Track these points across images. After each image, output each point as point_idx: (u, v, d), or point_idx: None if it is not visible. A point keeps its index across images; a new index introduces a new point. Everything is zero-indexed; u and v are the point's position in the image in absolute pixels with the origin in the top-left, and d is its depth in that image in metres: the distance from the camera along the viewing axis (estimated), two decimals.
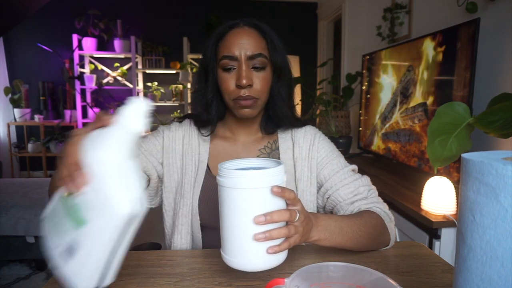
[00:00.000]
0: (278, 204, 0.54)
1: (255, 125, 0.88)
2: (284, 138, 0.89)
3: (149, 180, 0.85)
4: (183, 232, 0.82)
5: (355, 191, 0.80)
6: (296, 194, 0.58)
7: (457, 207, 1.37)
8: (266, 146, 0.88)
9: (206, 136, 0.87)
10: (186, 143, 0.87)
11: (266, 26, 0.82)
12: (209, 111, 0.85)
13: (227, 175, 0.53)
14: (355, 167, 0.86)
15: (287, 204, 0.56)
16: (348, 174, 0.83)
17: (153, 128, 4.09)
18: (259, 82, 0.78)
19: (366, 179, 0.84)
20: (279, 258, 0.56)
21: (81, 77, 4.03)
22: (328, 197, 0.83)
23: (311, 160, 0.86)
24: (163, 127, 0.90)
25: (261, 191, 0.52)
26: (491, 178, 0.33)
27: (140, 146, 0.85)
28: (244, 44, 0.77)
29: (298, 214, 0.56)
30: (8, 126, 3.94)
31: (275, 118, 0.86)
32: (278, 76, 0.83)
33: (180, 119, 0.92)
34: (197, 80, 0.87)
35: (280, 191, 0.53)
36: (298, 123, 0.89)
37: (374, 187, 0.84)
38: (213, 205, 0.82)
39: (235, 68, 0.78)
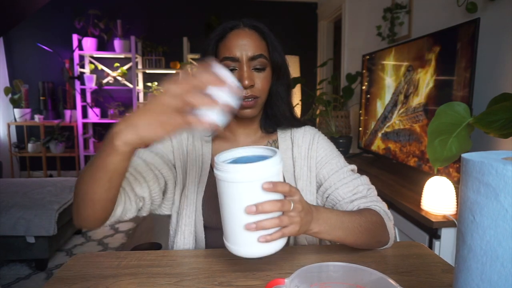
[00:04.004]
0: (273, 195, 0.55)
1: (254, 125, 0.89)
2: (284, 138, 0.90)
3: (166, 184, 0.83)
4: (186, 232, 0.82)
5: (354, 190, 0.81)
6: (292, 186, 0.57)
7: (457, 207, 1.37)
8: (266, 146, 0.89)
9: (207, 137, 0.88)
10: (190, 144, 0.87)
11: (265, 27, 0.83)
12: None
13: (222, 169, 0.54)
14: (354, 167, 0.87)
15: (285, 196, 0.57)
16: (347, 174, 0.83)
17: None
18: (260, 82, 0.80)
19: (365, 179, 0.84)
20: (273, 246, 0.58)
21: (81, 77, 4.03)
22: (328, 196, 0.83)
23: (310, 159, 0.86)
24: None
25: (254, 184, 0.54)
26: (491, 178, 0.33)
27: (151, 151, 0.83)
28: (245, 46, 0.78)
29: (292, 204, 0.56)
30: (8, 126, 3.94)
31: (274, 117, 0.88)
32: (278, 76, 0.84)
33: None
34: None
35: (271, 187, 0.53)
36: (296, 123, 0.90)
37: (373, 187, 0.84)
38: (217, 205, 0.82)
39: (236, 69, 0.79)
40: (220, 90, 0.50)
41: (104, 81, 4.18)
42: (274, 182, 0.54)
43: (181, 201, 0.84)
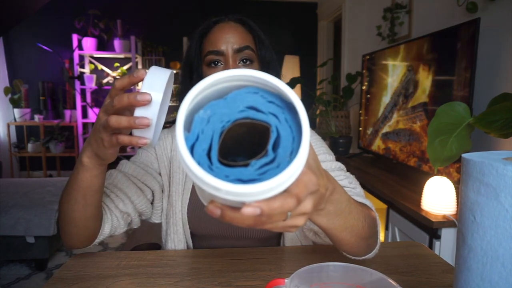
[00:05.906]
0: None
1: None
2: None
3: (153, 193, 0.81)
4: (176, 241, 0.81)
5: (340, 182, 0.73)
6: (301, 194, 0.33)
7: (457, 207, 1.37)
8: None
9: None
10: (174, 149, 0.84)
11: (252, 22, 0.80)
12: None
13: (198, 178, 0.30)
14: (342, 165, 0.80)
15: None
16: (332, 169, 0.77)
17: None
18: None
19: (353, 178, 0.77)
20: None
21: (81, 77, 4.03)
22: None
23: None
24: None
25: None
26: (492, 178, 0.33)
27: (133, 162, 0.81)
28: (230, 38, 0.75)
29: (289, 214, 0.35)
30: (8, 126, 3.94)
31: None
32: (266, 72, 0.80)
33: (169, 124, 0.89)
34: (181, 81, 0.83)
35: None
36: None
37: (361, 187, 0.76)
38: (203, 213, 0.80)
39: (222, 64, 0.75)
40: (139, 108, 0.45)
41: (104, 81, 4.18)
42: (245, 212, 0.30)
43: (168, 209, 0.83)
